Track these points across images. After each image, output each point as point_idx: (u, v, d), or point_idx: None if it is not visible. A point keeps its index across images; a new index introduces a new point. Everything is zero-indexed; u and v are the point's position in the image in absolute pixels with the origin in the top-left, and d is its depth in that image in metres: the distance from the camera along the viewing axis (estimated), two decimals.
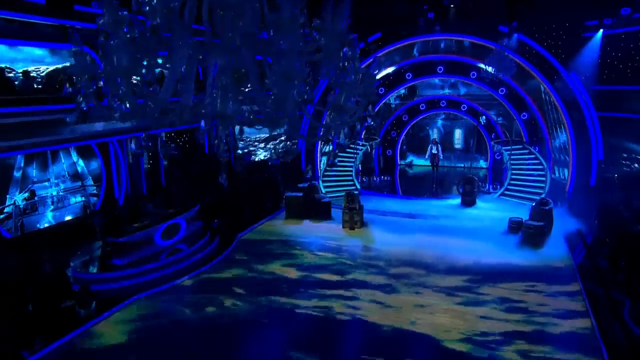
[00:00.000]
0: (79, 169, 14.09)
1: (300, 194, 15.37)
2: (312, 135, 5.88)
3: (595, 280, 10.02)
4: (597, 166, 16.63)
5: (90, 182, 13.93)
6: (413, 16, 18.12)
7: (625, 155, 17.91)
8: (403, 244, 12.42)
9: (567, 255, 11.62)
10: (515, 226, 13.04)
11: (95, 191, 13.83)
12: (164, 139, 18.75)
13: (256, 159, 22.04)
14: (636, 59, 16.95)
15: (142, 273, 10.15)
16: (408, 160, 23.17)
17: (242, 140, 22.58)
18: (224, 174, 17.28)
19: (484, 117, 17.25)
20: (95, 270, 10.19)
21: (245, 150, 22.29)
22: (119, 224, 11.00)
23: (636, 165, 17.60)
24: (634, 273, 9.47)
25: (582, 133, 16.63)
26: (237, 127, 4.55)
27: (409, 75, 20.19)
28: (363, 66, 15.69)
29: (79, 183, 13.82)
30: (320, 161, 19.51)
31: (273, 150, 22.61)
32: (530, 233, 12.26)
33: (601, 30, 15.96)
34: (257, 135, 22.95)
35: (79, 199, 13.47)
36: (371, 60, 18.31)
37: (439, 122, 22.81)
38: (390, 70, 19.96)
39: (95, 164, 13.85)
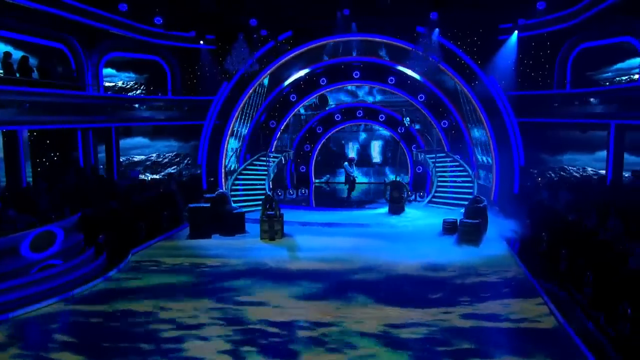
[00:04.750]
0: None
1: (207, 205, 14.48)
2: None
3: (539, 265, 10.71)
4: (519, 172, 18.10)
5: None
6: (328, 13, 18.69)
7: (547, 164, 19.85)
8: (335, 251, 12.17)
9: (506, 248, 12.38)
10: (450, 227, 13.50)
11: None
12: None
13: (144, 175, 20.55)
14: (546, 66, 19.22)
15: None
16: (324, 178, 23.28)
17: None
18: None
19: (407, 118, 18.05)
20: None
21: (132, 166, 20.78)
22: None
23: (555, 169, 19.57)
24: (576, 259, 10.14)
25: (504, 139, 18.10)
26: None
27: (323, 81, 20.58)
28: None
29: None
30: (226, 180, 18.81)
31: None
32: (467, 231, 12.75)
33: (516, 32, 17.84)
34: (151, 154, 21.57)
35: None
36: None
37: (357, 135, 23.40)
38: (301, 74, 20.13)
39: None
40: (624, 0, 14.92)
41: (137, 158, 21.37)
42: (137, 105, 19.56)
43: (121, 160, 20.20)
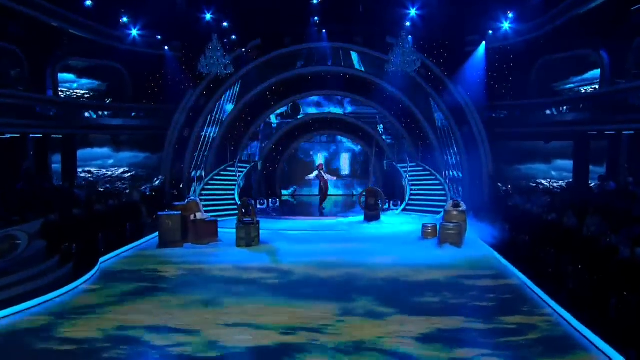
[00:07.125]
0: None
1: (178, 213, 13.83)
2: None
3: (525, 263, 10.72)
4: (489, 180, 18.46)
5: None
6: (299, 21, 18.67)
7: (506, 174, 20.35)
8: (316, 256, 11.82)
9: (487, 249, 12.46)
10: (430, 230, 13.48)
11: None
12: None
13: (102, 187, 19.54)
14: (510, 78, 19.85)
15: None
16: (291, 190, 22.96)
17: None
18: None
19: (380, 126, 18.11)
20: None
21: (88, 176, 19.77)
22: None
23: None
24: (564, 256, 10.28)
25: (473, 148, 18.48)
26: None
27: (293, 90, 20.36)
28: None
29: None
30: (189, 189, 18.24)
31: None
32: (448, 233, 12.76)
33: (484, 43, 18.37)
34: (115, 169, 20.59)
35: None
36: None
37: (324, 145, 23.29)
38: (272, 82, 19.89)
39: None
40: (585, 15, 15.72)
41: (95, 170, 20.33)
42: (96, 113, 18.70)
43: (79, 171, 19.14)
